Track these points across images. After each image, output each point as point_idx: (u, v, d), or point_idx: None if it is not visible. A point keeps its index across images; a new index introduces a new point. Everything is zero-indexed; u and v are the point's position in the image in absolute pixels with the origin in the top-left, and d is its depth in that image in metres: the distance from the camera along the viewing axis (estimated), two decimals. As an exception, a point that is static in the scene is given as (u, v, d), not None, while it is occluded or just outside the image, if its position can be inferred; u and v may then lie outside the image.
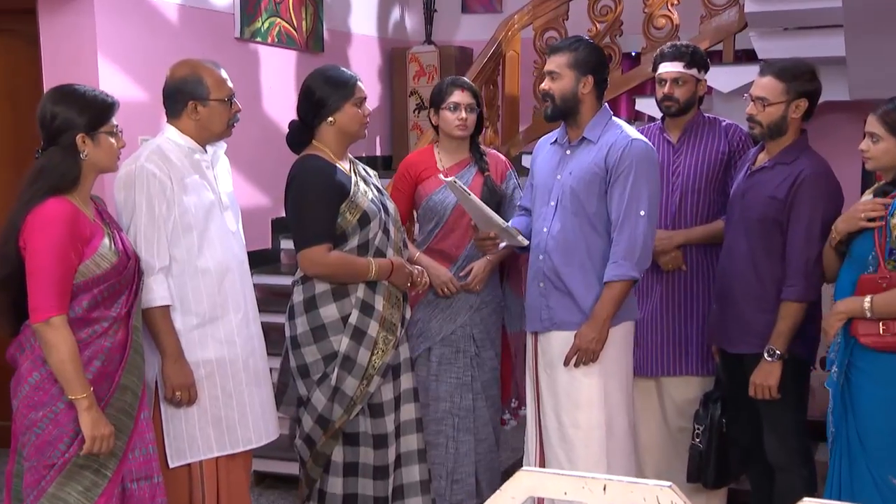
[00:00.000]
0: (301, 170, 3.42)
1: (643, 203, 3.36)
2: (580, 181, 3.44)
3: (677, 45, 3.94)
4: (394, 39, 7.49)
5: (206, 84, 3.20)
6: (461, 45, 7.39)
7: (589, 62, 3.45)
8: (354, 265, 3.39)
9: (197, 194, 3.20)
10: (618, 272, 3.36)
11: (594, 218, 3.43)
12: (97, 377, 2.87)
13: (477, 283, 3.96)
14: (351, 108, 3.41)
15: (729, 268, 3.60)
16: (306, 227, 3.37)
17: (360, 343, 3.39)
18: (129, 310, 2.96)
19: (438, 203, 3.97)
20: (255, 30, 5.87)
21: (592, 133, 3.48)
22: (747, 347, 3.52)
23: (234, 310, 3.26)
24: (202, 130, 3.25)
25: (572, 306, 3.46)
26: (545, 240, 3.51)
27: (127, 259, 2.96)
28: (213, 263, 3.20)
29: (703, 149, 3.92)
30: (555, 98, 3.48)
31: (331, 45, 6.64)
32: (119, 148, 2.98)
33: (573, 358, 3.42)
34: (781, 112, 3.43)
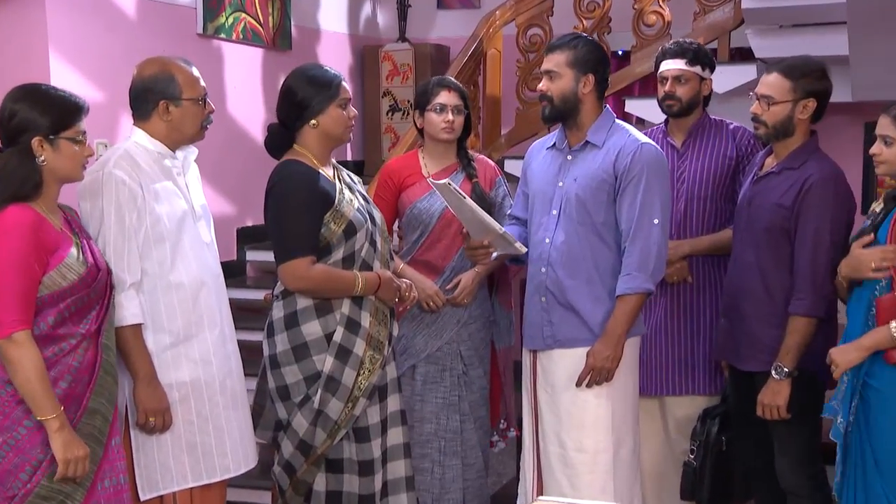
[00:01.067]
0: (282, 176, 3.39)
1: (656, 211, 3.37)
2: (586, 188, 3.44)
3: (680, 41, 3.98)
4: (365, 37, 7.49)
5: (177, 82, 3.17)
6: (437, 43, 7.41)
7: (589, 60, 3.46)
8: (340, 279, 3.36)
9: (169, 203, 3.17)
10: (632, 285, 3.37)
11: (601, 227, 3.44)
12: (63, 399, 2.82)
13: (465, 296, 3.95)
14: (335, 110, 3.39)
15: (737, 280, 3.61)
16: (288, 239, 3.34)
17: (345, 363, 3.36)
18: (100, 326, 2.92)
19: (424, 211, 3.96)
20: (218, 25, 5.86)
21: (597, 136, 3.48)
22: (757, 365, 3.53)
23: (210, 327, 3.23)
24: (173, 133, 3.21)
25: (578, 323, 3.46)
26: (548, 251, 3.51)
27: (97, 271, 2.92)
28: (186, 277, 3.17)
29: (710, 153, 3.94)
30: (553, 99, 3.48)
31: (299, 43, 6.64)
32: (86, 157, 2.93)
33: (586, 378, 3.41)
34: (787, 112, 3.45)
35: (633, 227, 3.38)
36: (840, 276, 3.21)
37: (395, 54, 7.21)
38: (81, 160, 2.93)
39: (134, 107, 3.23)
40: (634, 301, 3.38)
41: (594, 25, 5.95)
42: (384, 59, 7.22)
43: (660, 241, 3.39)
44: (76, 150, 2.90)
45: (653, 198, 3.38)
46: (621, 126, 3.53)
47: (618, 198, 3.42)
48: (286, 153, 3.46)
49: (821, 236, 3.36)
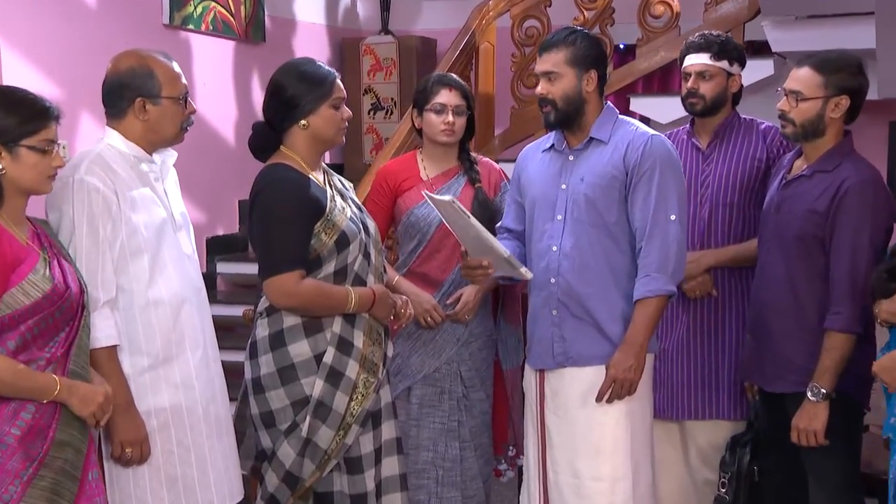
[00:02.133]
0: (268, 182, 3.34)
1: (672, 206, 3.38)
2: (596, 187, 3.44)
3: (706, 33, 3.96)
4: (345, 28, 7.49)
5: (157, 78, 3.13)
6: (423, 36, 7.40)
7: (589, 56, 3.46)
8: (331, 295, 3.32)
9: (147, 211, 3.12)
10: (652, 287, 3.37)
11: (615, 228, 3.44)
12: (27, 434, 2.76)
13: (466, 312, 3.92)
14: (327, 110, 3.35)
15: (764, 293, 3.59)
16: (275, 251, 3.29)
17: (336, 386, 3.32)
18: (68, 350, 2.86)
19: (422, 218, 3.94)
20: (186, 15, 5.87)
21: (601, 132, 3.49)
22: (788, 386, 3.50)
23: (192, 347, 3.19)
24: (150, 134, 3.17)
25: (595, 335, 3.45)
26: (557, 260, 3.49)
27: (65, 289, 2.85)
28: (167, 293, 3.13)
29: (738, 155, 3.91)
30: (556, 102, 3.46)
31: (273, 35, 6.65)
32: (54, 167, 2.87)
33: (607, 392, 3.40)
34: (817, 109, 3.43)
35: (649, 224, 3.39)
36: (879, 319, 3.16)
37: (377, 48, 7.21)
38: (47, 171, 2.86)
39: (107, 104, 3.18)
40: (655, 305, 3.39)
41: (596, 17, 5.93)
42: (365, 52, 7.22)
43: (679, 239, 3.40)
44: (40, 159, 2.83)
45: (668, 192, 3.39)
46: (625, 120, 3.55)
47: (629, 195, 3.43)
48: (272, 156, 3.41)
49: (859, 244, 3.34)
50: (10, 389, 2.75)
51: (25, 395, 2.77)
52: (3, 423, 2.75)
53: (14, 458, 2.74)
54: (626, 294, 3.44)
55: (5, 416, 2.75)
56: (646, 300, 3.38)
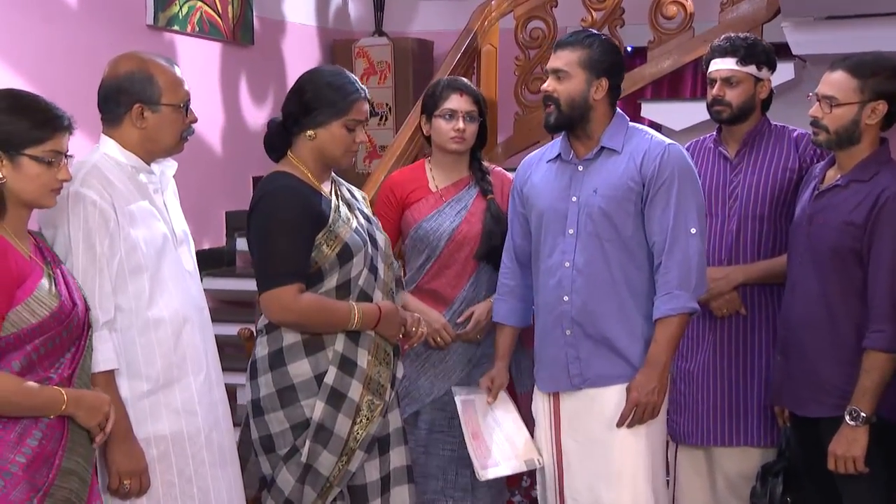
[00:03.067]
0: (268, 191, 3.36)
1: (692, 219, 3.41)
2: (611, 199, 3.45)
3: (731, 36, 3.95)
4: (336, 30, 7.49)
5: (157, 84, 3.12)
6: (419, 38, 7.40)
7: (603, 62, 3.47)
8: (332, 311, 3.32)
9: (146, 226, 3.11)
10: (674, 305, 3.38)
11: (631, 243, 3.45)
12: (32, 461, 2.74)
13: (478, 331, 3.91)
14: (339, 129, 3.37)
15: (796, 311, 3.58)
16: (272, 263, 3.30)
17: (338, 409, 3.31)
18: (73, 372, 2.85)
19: (431, 231, 3.93)
20: (171, 16, 5.87)
21: (613, 141, 3.50)
22: (823, 409, 3.49)
23: (195, 371, 3.17)
24: (148, 143, 3.16)
25: (612, 357, 3.45)
26: (569, 276, 3.49)
27: (72, 306, 2.84)
28: (168, 313, 3.12)
29: (768, 164, 3.90)
30: (560, 102, 3.48)
31: (262, 36, 6.66)
32: (60, 180, 2.85)
33: (629, 416, 3.40)
34: (853, 115, 3.44)
35: (669, 238, 3.40)
36: None
37: (370, 50, 7.21)
38: (51, 184, 2.84)
39: (103, 110, 3.17)
40: (678, 323, 3.40)
41: (605, 18, 5.97)
42: (358, 55, 7.23)
43: (700, 253, 3.42)
44: (43, 171, 2.81)
45: (688, 204, 3.41)
46: (638, 128, 3.56)
47: (646, 207, 3.44)
48: (280, 161, 3.44)
49: None
50: (18, 408, 2.73)
51: (34, 412, 2.76)
52: (8, 450, 2.73)
53: (18, 489, 2.72)
54: (645, 312, 3.44)
55: (10, 442, 2.73)
56: (668, 319, 3.39)
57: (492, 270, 3.95)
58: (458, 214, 3.95)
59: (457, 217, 3.94)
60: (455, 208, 3.95)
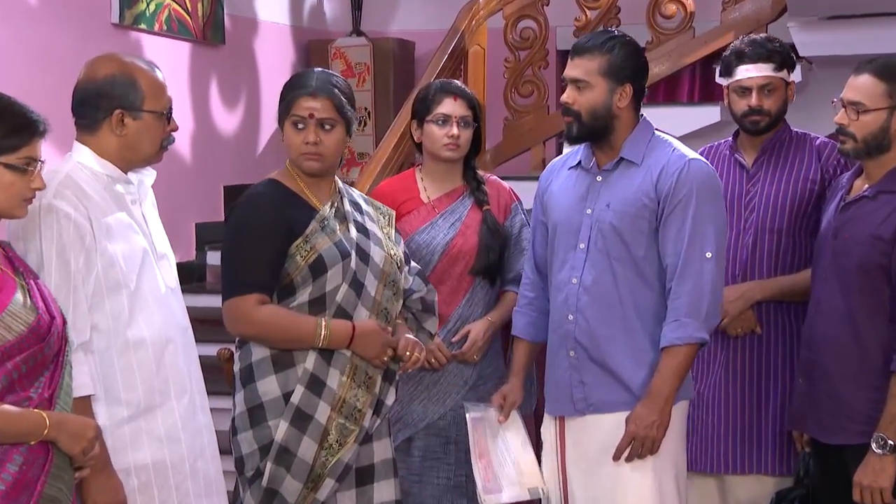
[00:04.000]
0: (243, 197, 3.44)
1: (709, 242, 3.35)
2: (623, 216, 3.41)
3: (758, 40, 3.92)
4: (311, 29, 7.50)
5: (140, 88, 3.11)
6: (400, 38, 7.42)
7: (626, 67, 3.42)
8: (294, 325, 3.31)
9: (125, 239, 3.09)
10: (681, 334, 3.33)
11: (642, 263, 3.41)
12: (12, 489, 2.69)
13: (475, 351, 3.90)
14: (288, 129, 3.41)
15: (819, 330, 3.56)
16: (234, 271, 3.35)
17: (303, 431, 3.30)
18: (53, 392, 2.80)
19: (423, 245, 3.92)
20: (137, 14, 5.87)
21: (633, 152, 3.46)
22: (847, 437, 3.46)
23: (178, 394, 3.15)
24: (126, 151, 3.14)
25: (614, 383, 3.43)
26: (576, 294, 3.46)
27: (50, 319, 2.81)
28: (148, 333, 3.10)
29: (788, 174, 3.89)
30: (581, 115, 3.43)
31: (233, 36, 6.67)
32: (34, 189, 2.82)
33: (626, 449, 3.37)
34: (882, 122, 3.43)
35: (682, 261, 3.36)
36: None
37: (348, 51, 7.23)
38: (24, 193, 2.81)
39: (79, 115, 3.14)
40: (685, 354, 3.35)
41: (599, 17, 5.99)
42: (335, 56, 7.25)
43: (714, 279, 3.36)
44: (17, 179, 2.78)
45: (704, 226, 3.36)
46: (662, 139, 3.51)
47: (661, 226, 3.40)
48: None
49: None
50: None
51: (14, 439, 2.71)
52: None
53: None
54: (654, 338, 3.40)
55: None
56: (673, 348, 3.34)
57: (488, 287, 3.95)
58: (453, 227, 3.94)
59: (451, 230, 3.93)
60: (449, 220, 3.94)
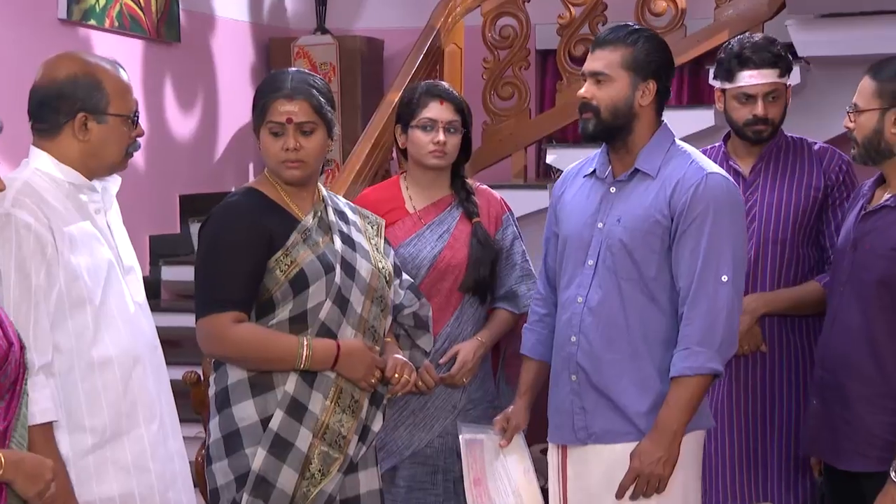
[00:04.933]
0: (218, 209, 3.42)
1: (725, 264, 3.30)
2: (633, 232, 3.37)
3: (760, 43, 3.92)
4: (273, 26, 7.53)
5: (105, 91, 3.11)
6: (368, 36, 7.44)
7: (651, 62, 3.39)
8: (273, 344, 3.29)
9: (89, 252, 3.07)
10: (692, 364, 3.28)
11: (654, 285, 3.37)
12: None
13: (464, 374, 3.87)
14: (265, 136, 3.39)
15: (835, 349, 3.56)
16: (207, 288, 3.34)
17: (282, 459, 3.27)
18: (8, 426, 2.77)
19: (409, 258, 3.90)
20: (86, 9, 5.88)
21: (649, 163, 3.41)
22: (866, 463, 3.46)
23: (147, 419, 3.14)
24: (89, 158, 3.14)
25: (615, 412, 3.39)
26: (580, 314, 3.44)
27: (7, 345, 2.77)
28: (115, 352, 3.08)
29: (788, 182, 3.91)
30: (600, 111, 3.40)
31: (189, 33, 6.68)
32: None
33: (630, 487, 3.32)
34: (874, 123, 3.45)
35: (695, 284, 3.31)
36: None
37: (312, 50, 7.25)
38: None
39: (37, 118, 3.13)
40: (695, 385, 3.29)
41: (584, 14, 6.01)
42: (298, 55, 7.26)
43: (730, 305, 3.31)
44: None
45: (721, 246, 3.31)
46: (681, 149, 3.46)
47: (674, 245, 3.36)
48: None
49: None
50: None
51: None
52: None
53: None
54: (661, 365, 3.36)
55: None
56: (683, 379, 3.29)
57: (478, 304, 3.94)
58: (440, 239, 3.92)
59: (438, 242, 3.91)
60: (436, 232, 3.92)
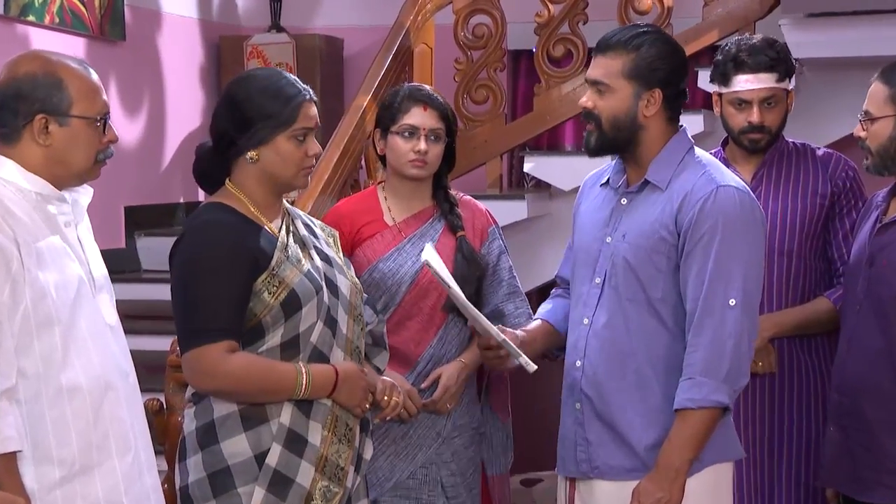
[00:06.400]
0: (191, 227, 3.36)
1: (733, 287, 3.27)
2: (638, 250, 3.37)
3: (757, 45, 3.95)
4: (223, 24, 7.50)
5: (67, 91, 3.10)
6: (327, 34, 7.43)
7: (657, 69, 3.36)
8: (272, 374, 3.28)
9: (58, 268, 3.05)
10: (694, 395, 3.25)
11: (661, 306, 3.36)
12: None
13: (448, 399, 3.90)
14: (286, 143, 3.33)
15: (852, 371, 3.59)
16: (194, 317, 3.28)
17: (283, 498, 3.27)
18: None
19: (389, 274, 3.93)
20: (25, 4, 5.85)
21: (660, 174, 3.40)
22: (888, 495, 3.49)
23: (120, 451, 3.12)
24: (54, 165, 3.12)
25: (620, 445, 3.39)
26: (585, 337, 3.44)
27: None
28: (85, 378, 3.06)
29: (793, 190, 3.96)
30: (601, 122, 3.39)
31: (135, 31, 6.66)
32: None
33: None
34: (889, 131, 3.50)
35: (699, 309, 3.28)
36: None
37: (267, 49, 7.24)
38: None
39: None
40: (700, 419, 3.25)
41: (564, 12, 6.01)
42: (252, 54, 7.24)
43: (738, 332, 3.26)
44: None
45: (729, 267, 3.27)
46: (697, 159, 3.42)
47: (682, 265, 3.34)
48: (217, 191, 3.42)
49: None
50: None
51: None
52: None
53: None
54: (670, 395, 3.32)
55: None
56: (686, 412, 3.25)
57: (462, 324, 3.94)
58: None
59: (420, 257, 3.90)
60: (418, 246, 3.92)
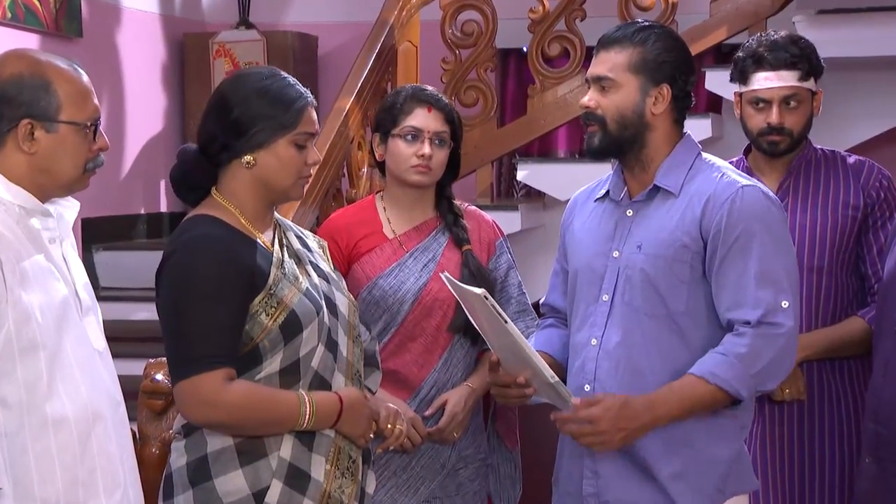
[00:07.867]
0: (181, 243, 3.31)
1: (782, 290, 3.30)
2: (658, 261, 3.38)
3: (779, 41, 3.96)
4: (187, 20, 7.54)
5: (55, 94, 3.07)
6: (300, 31, 7.45)
7: (664, 63, 3.41)
8: (274, 404, 3.27)
9: (43, 288, 3.03)
10: (721, 373, 3.24)
11: (683, 320, 3.37)
12: None
13: (455, 427, 3.90)
14: (286, 148, 3.32)
15: (891, 398, 3.58)
16: (188, 344, 3.25)
17: None
18: None
19: (391, 291, 3.93)
20: None
21: (670, 179, 3.43)
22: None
23: (108, 489, 3.10)
24: (40, 174, 3.09)
25: (636, 475, 3.38)
26: (594, 359, 3.44)
27: None
28: (72, 408, 3.03)
29: (823, 201, 3.97)
30: (606, 121, 3.42)
31: (92, 27, 6.68)
32: None
33: (573, 424, 3.30)
34: None
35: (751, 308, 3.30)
36: None
37: (235, 47, 7.27)
38: None
39: None
40: (709, 395, 3.26)
41: (559, 9, 6.08)
42: (218, 53, 7.27)
43: (788, 335, 3.30)
44: None
45: (775, 269, 3.31)
46: (709, 162, 3.48)
47: (714, 274, 3.35)
48: (201, 202, 3.39)
49: None
50: None
51: None
52: None
53: None
54: None
55: None
56: (701, 381, 3.25)
57: (469, 345, 3.95)
58: (425, 269, 3.94)
59: (423, 272, 3.93)
60: (420, 261, 3.95)
